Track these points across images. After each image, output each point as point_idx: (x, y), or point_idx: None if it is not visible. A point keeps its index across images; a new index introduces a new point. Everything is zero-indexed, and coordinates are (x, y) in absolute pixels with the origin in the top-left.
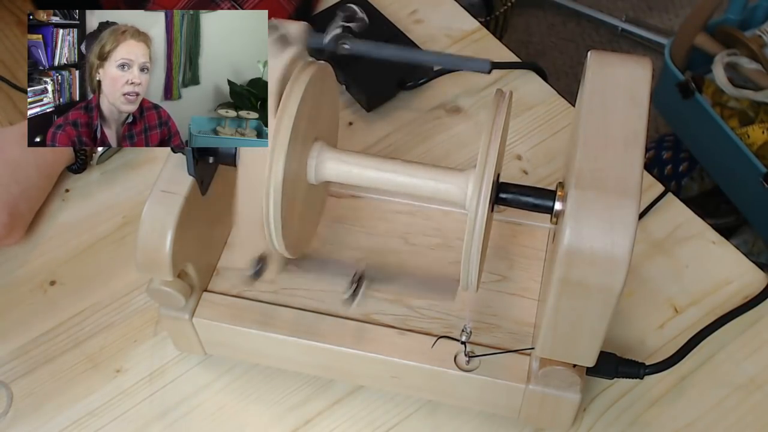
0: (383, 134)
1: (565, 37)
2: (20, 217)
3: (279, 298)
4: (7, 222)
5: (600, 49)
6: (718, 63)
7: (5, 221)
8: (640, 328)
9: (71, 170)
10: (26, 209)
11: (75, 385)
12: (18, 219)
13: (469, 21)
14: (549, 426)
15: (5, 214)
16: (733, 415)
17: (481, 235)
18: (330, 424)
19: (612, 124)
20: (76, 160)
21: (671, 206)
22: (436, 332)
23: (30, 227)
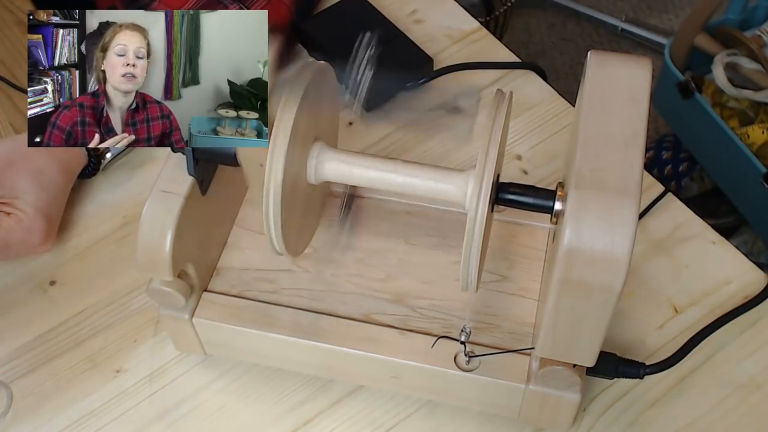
0: (383, 134)
1: (565, 37)
2: (53, 223)
3: (279, 298)
4: (44, 228)
5: (600, 49)
6: (718, 63)
7: (43, 228)
8: (640, 328)
9: (83, 175)
10: (56, 215)
11: (75, 385)
12: (52, 225)
13: (469, 21)
14: (549, 426)
15: (42, 221)
16: (733, 415)
17: (481, 235)
18: (330, 424)
19: (612, 124)
20: (89, 163)
21: (671, 206)
22: (436, 332)
23: None
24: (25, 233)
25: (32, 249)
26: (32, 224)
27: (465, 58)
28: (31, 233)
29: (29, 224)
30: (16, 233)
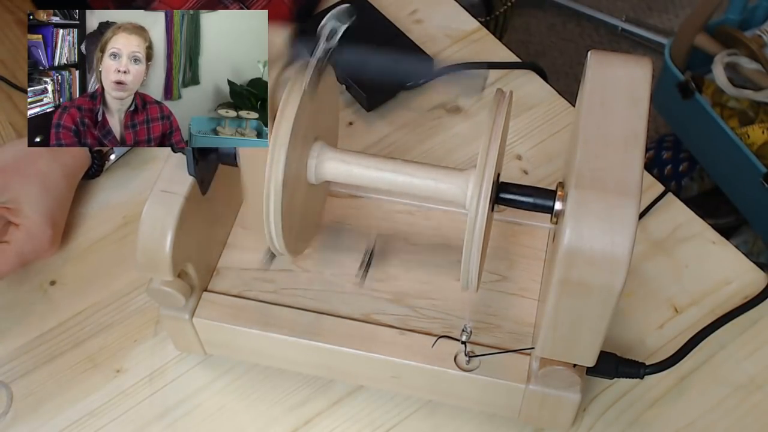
0: (383, 134)
1: (565, 37)
2: (58, 228)
3: (279, 298)
4: (51, 234)
5: (600, 49)
6: (718, 63)
7: (50, 234)
8: (640, 328)
9: (87, 176)
10: (61, 219)
11: (75, 385)
12: (57, 230)
13: (469, 21)
14: (549, 426)
15: (48, 227)
16: (733, 415)
17: (481, 235)
18: (330, 424)
19: (612, 124)
20: (93, 164)
21: (671, 206)
22: (436, 332)
23: None
24: (35, 242)
25: (41, 255)
26: (40, 232)
27: (465, 58)
28: (40, 241)
29: (37, 232)
30: (27, 244)
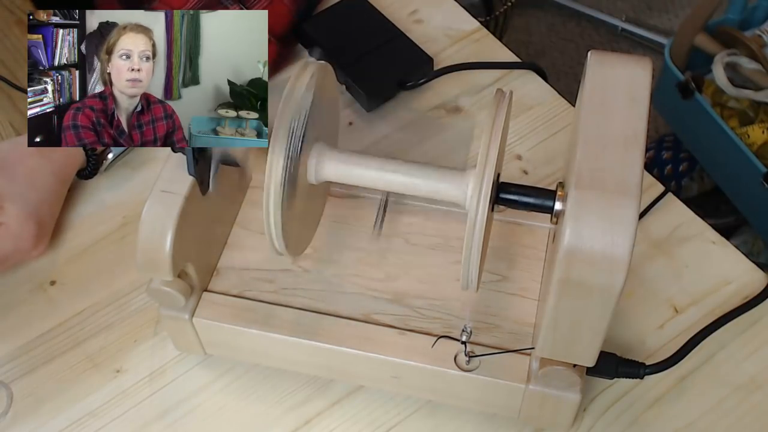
0: (383, 134)
1: (565, 37)
2: (44, 226)
3: (279, 298)
4: (35, 233)
5: (600, 49)
6: (718, 63)
7: (33, 233)
8: (640, 328)
9: (82, 176)
10: (49, 218)
11: (75, 385)
12: (43, 228)
13: (469, 21)
14: (549, 426)
15: (32, 224)
16: (733, 415)
17: (481, 235)
18: (330, 424)
19: (612, 124)
20: (88, 164)
21: (671, 206)
22: (436, 332)
23: None
24: (16, 241)
25: (25, 255)
26: (21, 231)
27: (465, 58)
28: (22, 240)
29: (18, 231)
30: (6, 243)
